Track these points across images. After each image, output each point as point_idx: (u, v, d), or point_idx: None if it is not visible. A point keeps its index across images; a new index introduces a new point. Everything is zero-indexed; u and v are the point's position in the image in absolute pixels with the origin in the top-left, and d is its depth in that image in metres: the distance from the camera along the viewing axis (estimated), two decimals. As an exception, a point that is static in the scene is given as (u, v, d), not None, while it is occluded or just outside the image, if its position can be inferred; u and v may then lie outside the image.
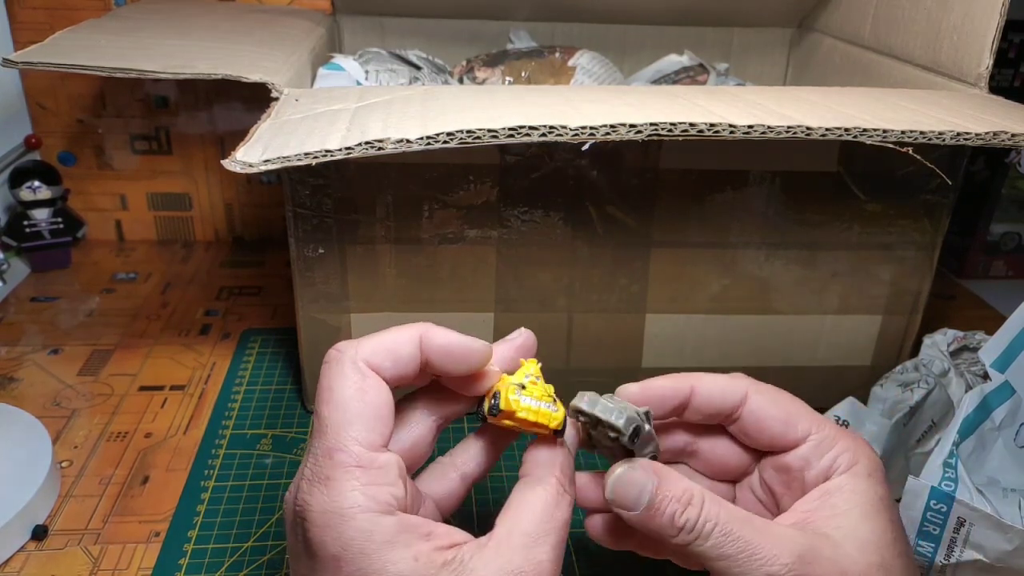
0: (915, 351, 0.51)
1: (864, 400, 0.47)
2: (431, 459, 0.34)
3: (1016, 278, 0.78)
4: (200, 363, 0.60)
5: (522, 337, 0.34)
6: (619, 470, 0.30)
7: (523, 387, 0.31)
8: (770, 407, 0.32)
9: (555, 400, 0.31)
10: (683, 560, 0.32)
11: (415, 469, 0.33)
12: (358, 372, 0.29)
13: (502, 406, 0.31)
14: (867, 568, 0.28)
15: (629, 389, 0.33)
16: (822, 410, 0.48)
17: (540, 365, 0.33)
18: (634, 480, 0.29)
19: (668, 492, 0.29)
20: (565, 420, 0.31)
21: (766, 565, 0.28)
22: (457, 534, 0.29)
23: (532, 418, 0.30)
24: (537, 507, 0.29)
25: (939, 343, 0.49)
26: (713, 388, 0.33)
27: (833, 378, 0.54)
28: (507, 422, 0.31)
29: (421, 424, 0.33)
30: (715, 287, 0.52)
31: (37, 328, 0.64)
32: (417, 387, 0.34)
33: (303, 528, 0.28)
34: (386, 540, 0.26)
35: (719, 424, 0.34)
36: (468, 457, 0.34)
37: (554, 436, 0.31)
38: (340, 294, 0.50)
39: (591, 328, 0.52)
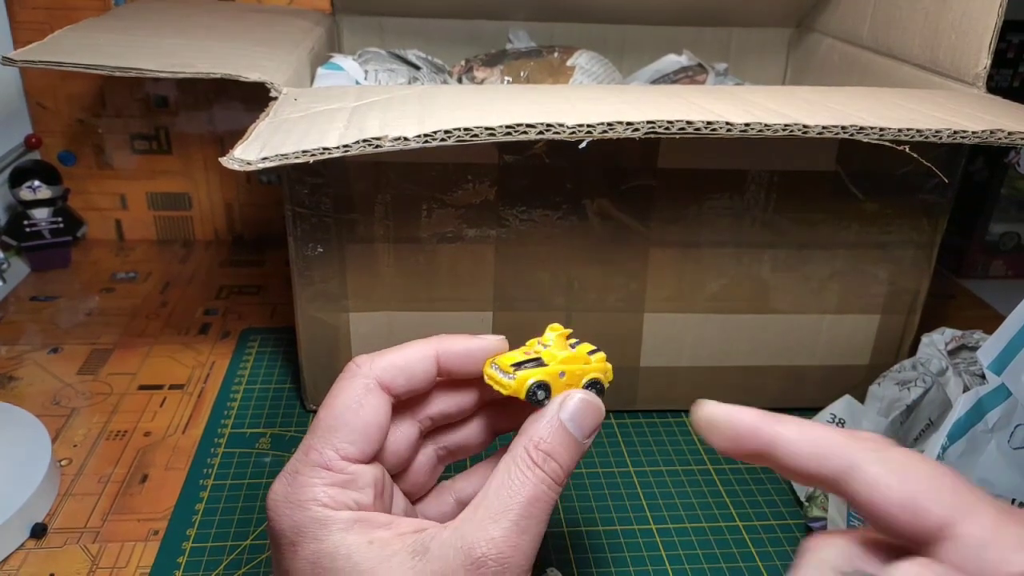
0: (913, 350, 0.51)
1: (861, 399, 0.47)
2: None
3: (1015, 278, 0.78)
4: (199, 362, 0.60)
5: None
6: None
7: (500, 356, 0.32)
8: (888, 485, 0.23)
9: (522, 367, 0.31)
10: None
11: (399, 469, 0.34)
12: (364, 388, 0.30)
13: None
14: None
15: (709, 409, 0.27)
16: (819, 409, 0.48)
17: (562, 331, 0.33)
18: None
19: None
20: (530, 388, 0.30)
21: None
22: (427, 524, 0.28)
23: (495, 387, 0.31)
24: (499, 483, 0.28)
25: (937, 342, 0.49)
26: (801, 450, 0.25)
27: (831, 377, 0.54)
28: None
29: (402, 428, 0.33)
30: (713, 286, 0.52)
31: (37, 327, 0.64)
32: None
33: (267, 517, 0.29)
34: (340, 528, 0.27)
35: None
36: (467, 483, 0.36)
37: (530, 404, 0.30)
38: (339, 293, 0.50)
39: (589, 327, 0.52)
